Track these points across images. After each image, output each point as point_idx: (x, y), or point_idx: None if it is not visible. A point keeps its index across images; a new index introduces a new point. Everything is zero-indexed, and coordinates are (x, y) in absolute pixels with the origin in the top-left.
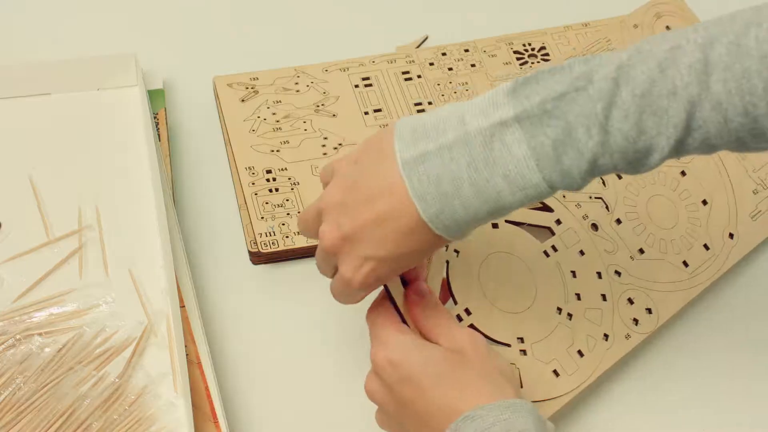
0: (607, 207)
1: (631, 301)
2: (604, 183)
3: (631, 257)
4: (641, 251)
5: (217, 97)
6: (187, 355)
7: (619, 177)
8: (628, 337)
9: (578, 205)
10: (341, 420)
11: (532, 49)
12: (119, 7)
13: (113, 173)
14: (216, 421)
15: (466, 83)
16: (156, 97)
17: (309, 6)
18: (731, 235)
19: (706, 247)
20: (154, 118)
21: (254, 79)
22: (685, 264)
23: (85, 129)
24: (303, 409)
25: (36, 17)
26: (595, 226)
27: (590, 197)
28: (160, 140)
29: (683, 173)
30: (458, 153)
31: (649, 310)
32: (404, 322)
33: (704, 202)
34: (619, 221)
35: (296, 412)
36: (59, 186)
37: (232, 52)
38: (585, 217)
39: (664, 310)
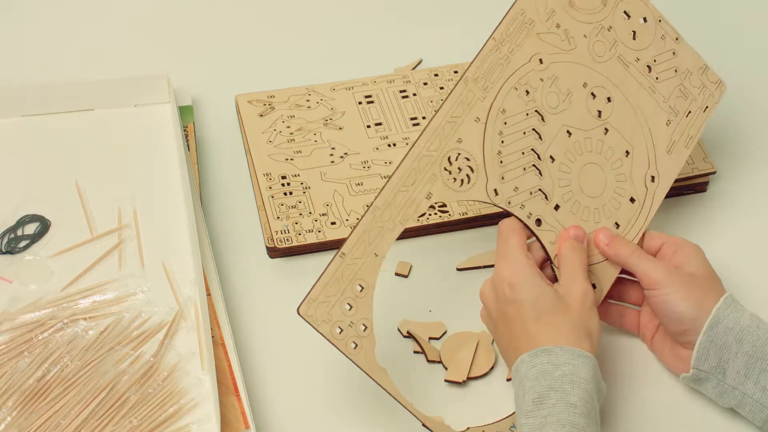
0: (546, 196)
1: None
2: (540, 173)
3: None
4: None
5: (238, 112)
6: (212, 336)
7: (552, 159)
8: None
9: (522, 206)
10: (352, 394)
11: None
12: (154, 33)
13: (148, 179)
14: (238, 395)
15: None
16: (185, 113)
17: (319, 33)
18: (653, 178)
19: (632, 200)
20: (184, 131)
21: (271, 96)
22: (617, 225)
23: (124, 140)
24: (316, 384)
25: (80, 41)
26: (539, 221)
27: (530, 193)
28: (189, 150)
29: (606, 130)
30: None
31: (594, 285)
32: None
33: (627, 153)
34: (557, 207)
35: (310, 387)
36: (101, 190)
37: (252, 73)
38: (529, 215)
39: (606, 280)
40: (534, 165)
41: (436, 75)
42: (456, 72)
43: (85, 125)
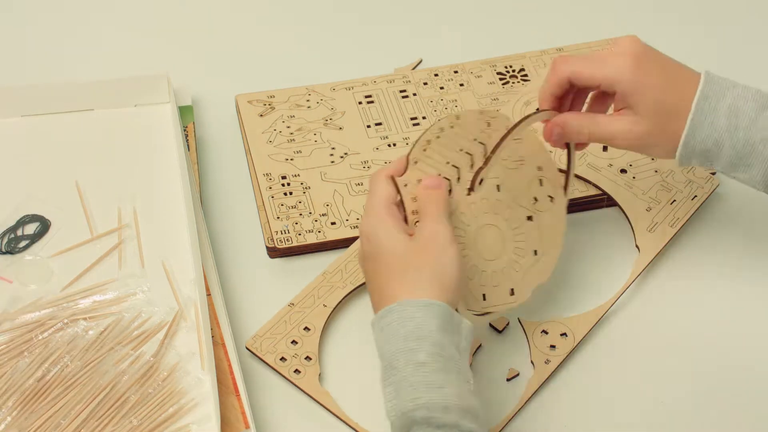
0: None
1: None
2: (450, 190)
3: None
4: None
5: (238, 112)
6: (212, 336)
7: (468, 192)
8: (547, 362)
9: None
10: (350, 392)
11: (513, 71)
12: (154, 33)
13: (148, 179)
14: (238, 395)
15: (456, 100)
16: (185, 113)
17: (319, 33)
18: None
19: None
20: (184, 131)
21: (271, 96)
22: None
23: (124, 140)
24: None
25: (80, 41)
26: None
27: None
28: (189, 150)
29: (529, 218)
30: None
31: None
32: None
33: (534, 252)
34: None
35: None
36: (101, 190)
37: (252, 73)
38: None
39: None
40: (448, 178)
41: (436, 75)
42: (456, 72)
43: (85, 125)
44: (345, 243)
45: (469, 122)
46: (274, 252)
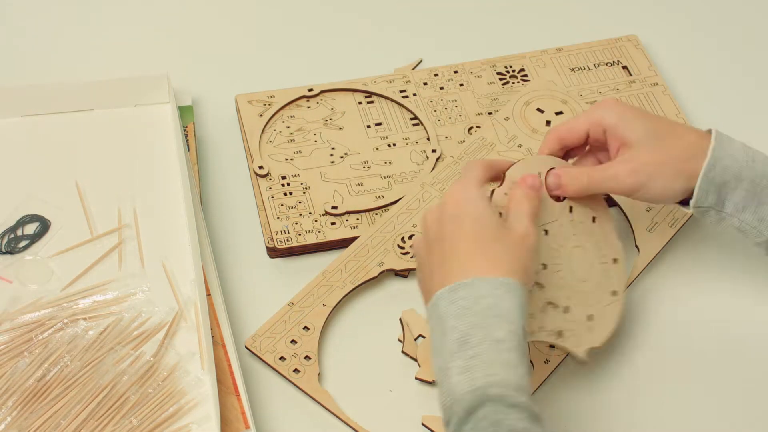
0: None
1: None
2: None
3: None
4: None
5: (238, 112)
6: (212, 336)
7: (544, 266)
8: (546, 362)
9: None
10: (350, 392)
11: (513, 71)
12: (154, 33)
13: (148, 179)
14: (238, 395)
15: (456, 100)
16: (185, 113)
17: (319, 33)
18: (637, 249)
19: (615, 261)
20: (184, 131)
21: (271, 96)
22: (614, 293)
23: (124, 140)
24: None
25: (80, 41)
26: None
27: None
28: (189, 150)
29: (570, 208)
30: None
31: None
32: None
33: (593, 219)
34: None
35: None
36: (101, 190)
37: (252, 73)
38: None
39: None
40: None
41: (436, 75)
42: (456, 72)
43: (85, 125)
44: (345, 243)
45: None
46: (273, 252)
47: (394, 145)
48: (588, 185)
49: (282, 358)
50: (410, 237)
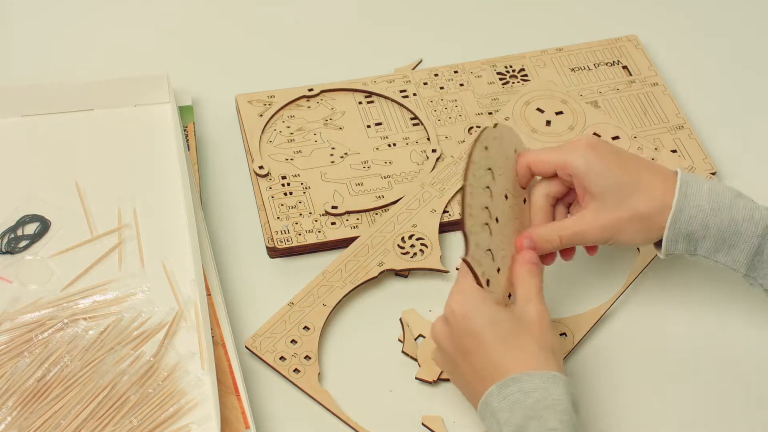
0: (492, 257)
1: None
2: (490, 232)
3: None
4: None
5: (238, 112)
6: (212, 336)
7: (497, 220)
8: None
9: (479, 263)
10: (350, 392)
11: (513, 71)
12: (154, 33)
13: (148, 179)
14: (238, 395)
15: (456, 100)
16: (185, 113)
17: (319, 33)
18: (638, 249)
19: None
20: (184, 131)
21: (271, 96)
22: None
23: (124, 140)
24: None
25: (80, 41)
26: (488, 282)
27: (485, 251)
28: (189, 150)
29: (524, 200)
30: None
31: (564, 334)
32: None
33: None
34: (498, 270)
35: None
36: (101, 190)
37: (252, 73)
38: (482, 274)
39: (578, 330)
40: (487, 223)
41: (436, 75)
42: (456, 72)
43: (85, 125)
44: (345, 243)
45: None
46: (273, 252)
47: (394, 145)
48: (560, 244)
49: (282, 358)
50: (410, 237)
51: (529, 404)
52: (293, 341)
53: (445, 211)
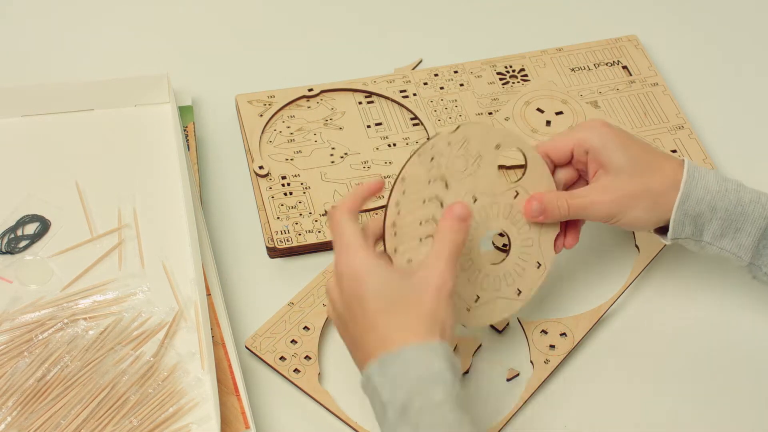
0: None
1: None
2: None
3: None
4: None
5: (238, 112)
6: (212, 336)
7: None
8: (546, 362)
9: None
10: (350, 392)
11: (513, 71)
12: (154, 33)
13: (148, 179)
14: (238, 395)
15: (456, 100)
16: (185, 113)
17: (319, 33)
18: (637, 248)
19: (537, 264)
20: (184, 131)
21: (271, 96)
22: (519, 291)
23: (124, 140)
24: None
25: (80, 41)
26: None
27: None
28: (189, 150)
29: (516, 193)
30: None
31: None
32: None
33: None
34: None
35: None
36: (101, 190)
37: (252, 73)
38: None
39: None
40: (431, 236)
41: (436, 75)
42: (456, 72)
43: (85, 125)
44: None
45: (413, 172)
46: (273, 252)
47: (394, 145)
48: (567, 212)
49: (282, 358)
50: None
51: (412, 378)
52: (293, 341)
53: None
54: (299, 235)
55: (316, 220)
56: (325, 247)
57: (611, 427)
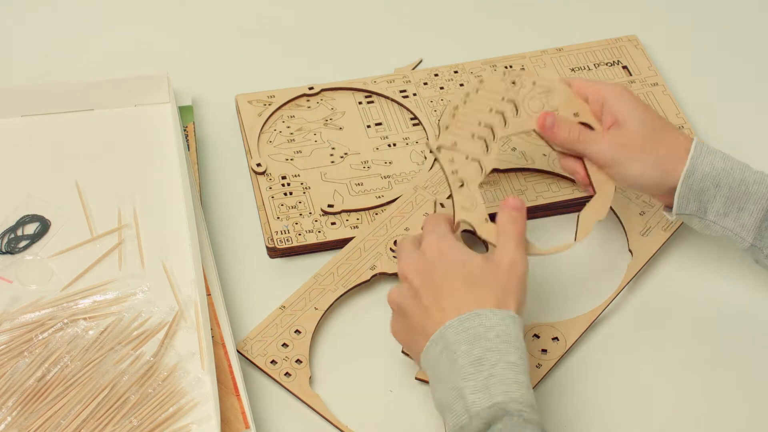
0: (482, 169)
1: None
2: (487, 149)
3: None
4: None
5: (238, 112)
6: (212, 336)
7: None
8: (538, 366)
9: (455, 171)
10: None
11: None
12: (154, 33)
13: (148, 179)
14: (238, 395)
15: None
16: (185, 113)
17: (319, 33)
18: (631, 252)
19: None
20: (184, 130)
21: (271, 96)
22: None
23: (124, 140)
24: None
25: (80, 41)
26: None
27: (466, 157)
28: (189, 150)
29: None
30: None
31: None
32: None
33: None
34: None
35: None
36: (101, 190)
37: (252, 73)
38: (455, 171)
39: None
40: (483, 139)
41: (436, 75)
42: (456, 72)
43: (85, 125)
44: (345, 243)
45: (494, 83)
46: (273, 252)
47: (394, 145)
48: (576, 139)
49: (273, 362)
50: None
51: (490, 337)
52: (284, 345)
53: None
54: (299, 235)
55: (316, 220)
56: (325, 247)
57: (604, 431)
